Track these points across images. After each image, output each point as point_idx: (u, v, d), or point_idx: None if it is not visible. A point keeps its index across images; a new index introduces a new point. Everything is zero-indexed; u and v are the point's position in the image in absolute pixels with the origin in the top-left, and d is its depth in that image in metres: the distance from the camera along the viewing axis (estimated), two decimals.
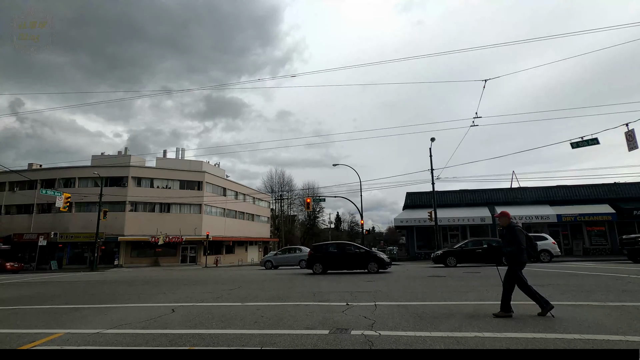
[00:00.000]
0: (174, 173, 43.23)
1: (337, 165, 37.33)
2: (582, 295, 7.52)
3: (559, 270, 14.25)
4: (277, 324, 5.53)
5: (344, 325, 5.26)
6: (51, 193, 28.54)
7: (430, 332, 4.70)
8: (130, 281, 15.90)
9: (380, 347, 4.12)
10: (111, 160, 43.30)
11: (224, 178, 50.89)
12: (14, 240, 38.21)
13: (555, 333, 4.50)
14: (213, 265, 38.06)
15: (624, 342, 4.11)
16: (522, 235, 5.66)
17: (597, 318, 5.30)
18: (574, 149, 16.38)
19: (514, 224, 5.82)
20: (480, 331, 4.67)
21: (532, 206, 29.37)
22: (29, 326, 6.04)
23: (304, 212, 68.61)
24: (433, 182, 27.17)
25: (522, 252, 5.61)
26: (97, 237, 32.64)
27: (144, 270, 28.31)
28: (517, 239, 5.64)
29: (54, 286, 14.35)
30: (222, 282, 13.62)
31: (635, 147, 13.89)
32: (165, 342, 4.64)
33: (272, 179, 68.31)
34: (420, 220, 29.63)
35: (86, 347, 4.61)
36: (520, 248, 5.61)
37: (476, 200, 32.09)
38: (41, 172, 42.48)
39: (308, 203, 35.13)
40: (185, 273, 22.13)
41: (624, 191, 29.36)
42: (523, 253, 5.63)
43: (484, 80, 16.98)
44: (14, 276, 23.65)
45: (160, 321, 6.06)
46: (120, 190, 39.57)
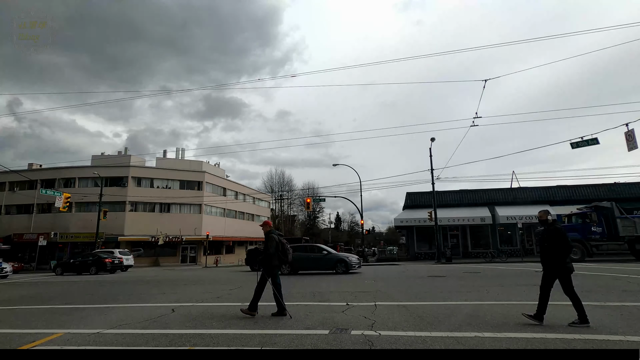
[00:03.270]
0: (174, 173, 43.23)
1: (337, 165, 37.38)
2: (582, 295, 7.44)
3: None
4: (277, 324, 5.53)
5: (344, 325, 5.26)
6: (51, 193, 28.52)
7: (430, 332, 4.70)
8: (130, 281, 15.90)
9: (380, 347, 4.12)
10: (111, 160, 43.29)
11: (224, 178, 50.91)
12: (14, 240, 38.22)
13: (555, 333, 4.50)
14: (213, 265, 38.02)
15: (624, 342, 4.11)
16: (273, 242, 6.24)
17: (597, 318, 5.30)
18: (574, 149, 16.39)
19: (274, 231, 6.46)
20: (480, 331, 4.67)
21: (532, 206, 29.31)
22: (29, 326, 6.04)
23: (304, 212, 68.57)
24: (433, 182, 27.17)
25: (271, 257, 6.21)
26: (97, 237, 32.64)
27: (144, 270, 28.31)
28: (266, 245, 6.29)
29: (54, 286, 14.35)
30: (222, 282, 13.63)
31: (635, 147, 13.89)
32: (165, 342, 4.64)
33: (272, 179, 68.27)
34: (420, 220, 29.60)
35: (86, 347, 4.61)
36: (268, 253, 6.21)
37: (476, 200, 32.08)
38: (41, 172, 42.48)
39: (308, 203, 35.14)
40: (185, 273, 22.12)
41: (624, 191, 29.36)
42: (272, 258, 6.22)
43: (484, 80, 16.99)
44: (14, 276, 23.62)
45: (160, 321, 6.06)
46: (120, 190, 39.56)
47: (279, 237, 6.38)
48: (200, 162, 48.10)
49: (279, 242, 6.32)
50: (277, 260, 6.29)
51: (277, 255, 6.28)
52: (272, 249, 6.21)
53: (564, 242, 4.99)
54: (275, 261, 6.26)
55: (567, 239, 5.04)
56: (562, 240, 4.99)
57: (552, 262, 5.06)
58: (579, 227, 20.92)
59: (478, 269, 14.94)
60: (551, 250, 5.08)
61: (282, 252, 6.33)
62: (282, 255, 6.33)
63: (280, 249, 6.31)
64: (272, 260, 6.24)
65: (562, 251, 4.99)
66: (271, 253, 6.21)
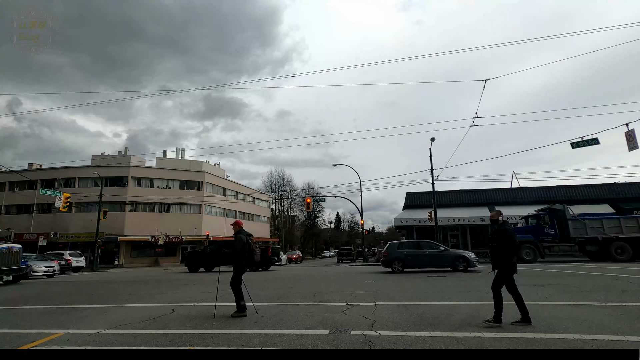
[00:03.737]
0: (174, 173, 43.22)
1: (337, 165, 37.37)
2: (582, 295, 7.53)
3: (560, 270, 14.25)
4: (277, 324, 5.53)
5: (344, 325, 5.26)
6: (51, 193, 28.51)
7: (430, 332, 4.70)
8: (130, 281, 15.89)
9: (381, 347, 4.12)
10: (111, 160, 43.28)
11: (224, 178, 50.89)
12: (14, 240, 38.19)
13: (555, 333, 4.50)
14: None
15: (624, 342, 4.11)
16: (240, 243, 6.34)
17: (597, 318, 5.29)
18: (574, 149, 16.39)
19: (242, 232, 6.50)
20: (480, 331, 4.67)
21: (532, 206, 29.30)
22: (29, 326, 6.04)
23: (304, 212, 68.63)
24: (433, 182, 27.16)
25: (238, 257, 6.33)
26: (97, 237, 32.62)
27: (144, 270, 28.30)
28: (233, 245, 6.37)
29: (54, 286, 14.34)
30: (222, 282, 13.61)
31: (635, 147, 13.89)
32: (165, 342, 4.64)
33: (272, 179, 68.26)
34: (420, 220, 29.65)
35: (86, 347, 4.61)
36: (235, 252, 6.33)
37: (476, 200, 32.11)
38: (41, 172, 42.47)
39: (308, 203, 35.14)
40: (185, 273, 22.11)
41: (624, 191, 29.38)
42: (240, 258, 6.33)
43: (484, 80, 16.99)
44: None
45: (160, 321, 6.06)
46: (120, 190, 39.55)
47: (247, 238, 6.48)
48: (200, 162, 48.08)
49: (246, 242, 6.41)
50: (245, 261, 6.38)
51: (244, 255, 6.36)
52: (238, 248, 6.32)
53: (510, 242, 5.04)
54: (243, 261, 6.36)
55: (514, 239, 5.09)
56: (508, 240, 5.05)
57: (499, 261, 5.12)
58: (532, 228, 21.49)
59: (478, 269, 14.94)
60: (499, 250, 5.13)
61: (248, 253, 6.42)
62: (248, 255, 6.42)
63: (247, 250, 6.40)
64: (240, 260, 6.34)
65: (508, 251, 5.05)
66: (238, 252, 6.31)
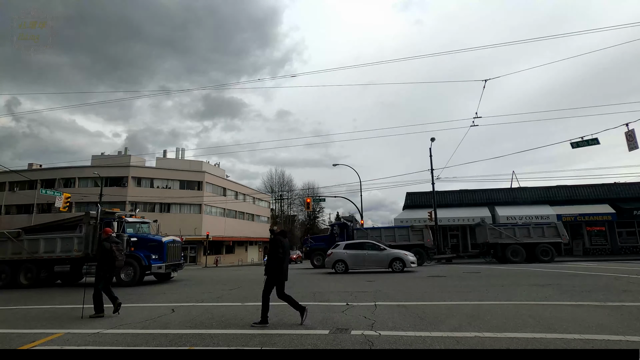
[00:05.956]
0: (174, 173, 43.22)
1: (337, 165, 37.38)
2: (582, 295, 7.52)
3: (560, 270, 14.26)
4: (277, 324, 5.53)
5: (344, 325, 5.26)
6: (51, 193, 28.45)
7: (430, 332, 4.70)
8: None
9: (381, 347, 4.12)
10: (111, 160, 43.31)
11: (224, 178, 50.90)
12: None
13: (555, 333, 4.50)
14: (213, 265, 38.03)
15: (624, 342, 4.10)
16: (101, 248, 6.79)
17: (597, 318, 5.29)
18: (574, 149, 16.38)
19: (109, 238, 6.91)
20: (480, 331, 4.67)
21: (532, 206, 29.34)
22: (29, 326, 6.04)
23: (304, 212, 68.43)
24: (433, 182, 27.16)
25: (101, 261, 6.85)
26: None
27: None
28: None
29: (54, 286, 14.34)
30: (222, 282, 13.63)
31: (635, 147, 13.88)
32: (165, 342, 4.64)
33: (272, 179, 68.24)
34: (420, 221, 29.54)
35: (86, 347, 4.61)
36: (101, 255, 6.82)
37: (476, 200, 32.05)
38: (41, 172, 42.48)
39: (308, 203, 35.12)
40: (185, 273, 22.10)
41: (623, 191, 29.34)
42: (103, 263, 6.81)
43: (484, 80, 17.00)
44: None
45: (160, 321, 6.06)
46: (120, 190, 39.57)
47: (111, 245, 6.78)
48: (200, 162, 48.09)
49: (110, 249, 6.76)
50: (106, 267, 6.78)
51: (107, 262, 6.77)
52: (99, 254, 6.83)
53: (273, 250, 5.74)
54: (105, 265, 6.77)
55: (277, 248, 5.69)
56: (272, 249, 5.76)
57: (267, 267, 5.74)
58: (327, 238, 24.06)
59: (478, 269, 14.93)
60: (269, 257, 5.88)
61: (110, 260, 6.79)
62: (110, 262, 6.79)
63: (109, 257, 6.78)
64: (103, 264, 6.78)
65: (270, 258, 5.76)
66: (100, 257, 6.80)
